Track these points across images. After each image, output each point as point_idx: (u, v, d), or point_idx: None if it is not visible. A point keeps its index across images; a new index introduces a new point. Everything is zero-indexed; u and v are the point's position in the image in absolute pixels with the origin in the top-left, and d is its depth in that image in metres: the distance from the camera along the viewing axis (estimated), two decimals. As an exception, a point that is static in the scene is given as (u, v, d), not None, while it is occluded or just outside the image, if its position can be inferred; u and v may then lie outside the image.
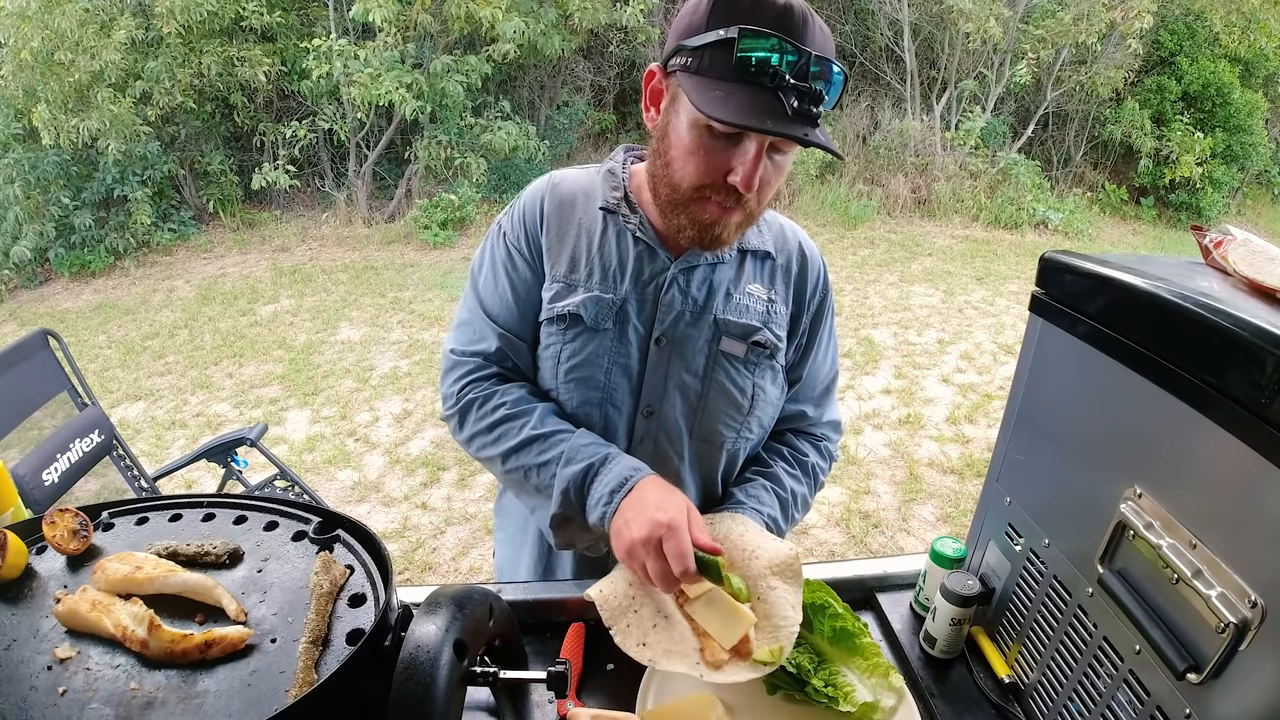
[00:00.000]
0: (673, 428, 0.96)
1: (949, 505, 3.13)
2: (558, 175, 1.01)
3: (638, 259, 0.94)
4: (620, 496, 0.82)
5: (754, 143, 0.78)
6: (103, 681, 0.51)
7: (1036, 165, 8.15)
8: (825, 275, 1.04)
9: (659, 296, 0.93)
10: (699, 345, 0.94)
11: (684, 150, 0.81)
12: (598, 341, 0.93)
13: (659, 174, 0.86)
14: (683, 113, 0.80)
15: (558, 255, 0.95)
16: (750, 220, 0.87)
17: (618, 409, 0.95)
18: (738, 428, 0.99)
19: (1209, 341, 0.57)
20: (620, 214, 0.94)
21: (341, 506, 3.09)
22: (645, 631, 0.77)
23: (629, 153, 1.01)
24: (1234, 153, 8.19)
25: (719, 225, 0.84)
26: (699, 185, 0.81)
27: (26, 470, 1.84)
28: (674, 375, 0.94)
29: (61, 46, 5.52)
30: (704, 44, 0.76)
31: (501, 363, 0.97)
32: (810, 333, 1.03)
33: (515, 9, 6.10)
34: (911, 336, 4.85)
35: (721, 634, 0.75)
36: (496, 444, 0.92)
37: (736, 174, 0.79)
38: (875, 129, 8.22)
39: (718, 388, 0.96)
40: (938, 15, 7.67)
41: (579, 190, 0.98)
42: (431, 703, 0.50)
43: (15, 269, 5.95)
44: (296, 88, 6.54)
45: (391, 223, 6.99)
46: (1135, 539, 0.66)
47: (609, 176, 0.98)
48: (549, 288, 0.95)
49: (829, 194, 7.52)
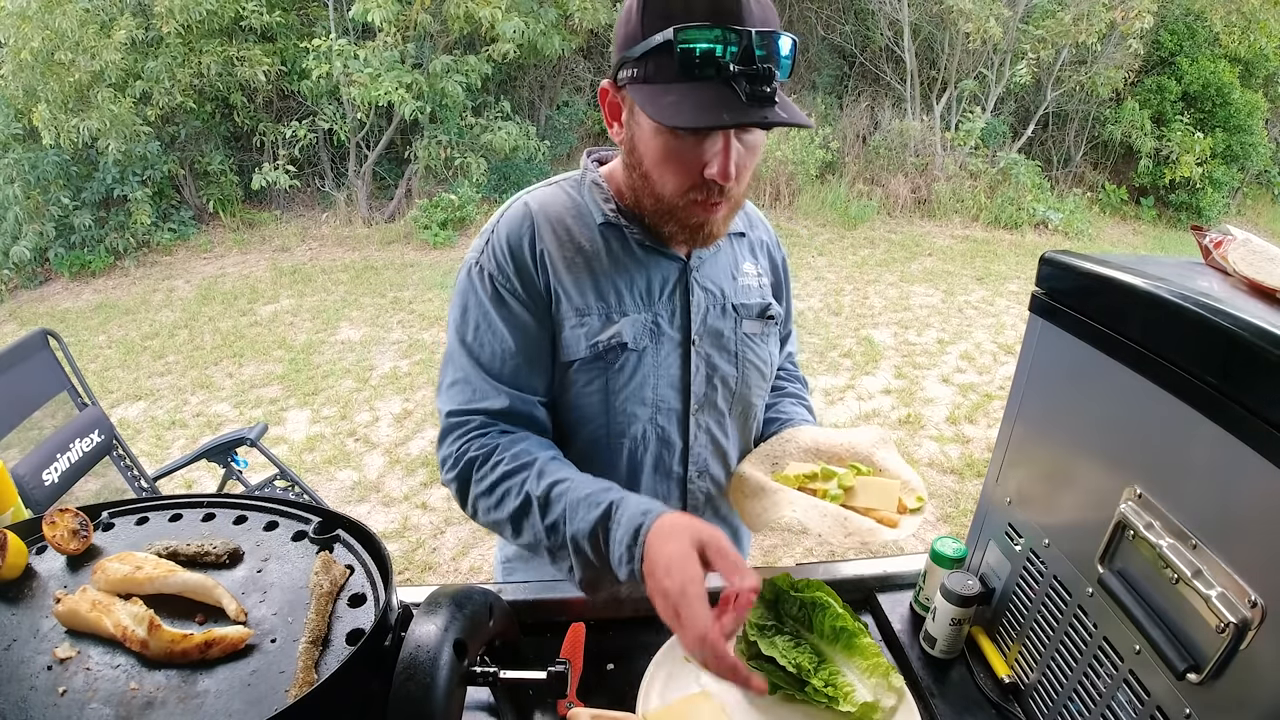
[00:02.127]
0: (719, 415, 1.00)
1: (949, 505, 3.13)
2: (533, 202, 0.92)
3: (652, 268, 0.93)
4: (639, 550, 0.73)
5: (720, 134, 0.77)
6: (103, 681, 0.51)
7: (1036, 165, 8.15)
8: (776, 236, 1.12)
9: (687, 300, 0.94)
10: (728, 334, 0.97)
11: (656, 160, 0.81)
12: (640, 361, 0.92)
13: (640, 187, 0.86)
14: (643, 124, 0.80)
15: (573, 289, 0.89)
16: (735, 208, 0.88)
17: (668, 417, 0.95)
18: (763, 393, 1.06)
19: (1209, 341, 0.57)
20: (623, 226, 0.92)
21: (341, 506, 3.09)
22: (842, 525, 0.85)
23: (591, 157, 0.99)
24: (1234, 153, 8.18)
25: (709, 224, 0.85)
26: (683, 191, 0.81)
27: (26, 470, 1.84)
28: (714, 369, 0.97)
29: (61, 46, 5.52)
30: (645, 52, 0.75)
31: (509, 419, 0.89)
32: (786, 292, 1.10)
33: (515, 9, 6.10)
34: (911, 336, 4.85)
35: (883, 503, 0.88)
36: (500, 507, 0.84)
37: (712, 168, 0.78)
38: (875, 129, 8.22)
39: (749, 367, 1.00)
40: (938, 15, 7.67)
41: (566, 213, 0.92)
42: (431, 703, 0.50)
43: (15, 269, 5.95)
44: (296, 88, 6.54)
45: (391, 223, 6.99)
46: (1135, 539, 0.66)
47: (596, 190, 0.93)
48: (580, 323, 0.89)
49: (829, 194, 7.52)
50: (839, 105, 8.61)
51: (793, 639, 0.84)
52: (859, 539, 0.84)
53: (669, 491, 1.00)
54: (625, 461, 0.95)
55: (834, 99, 8.71)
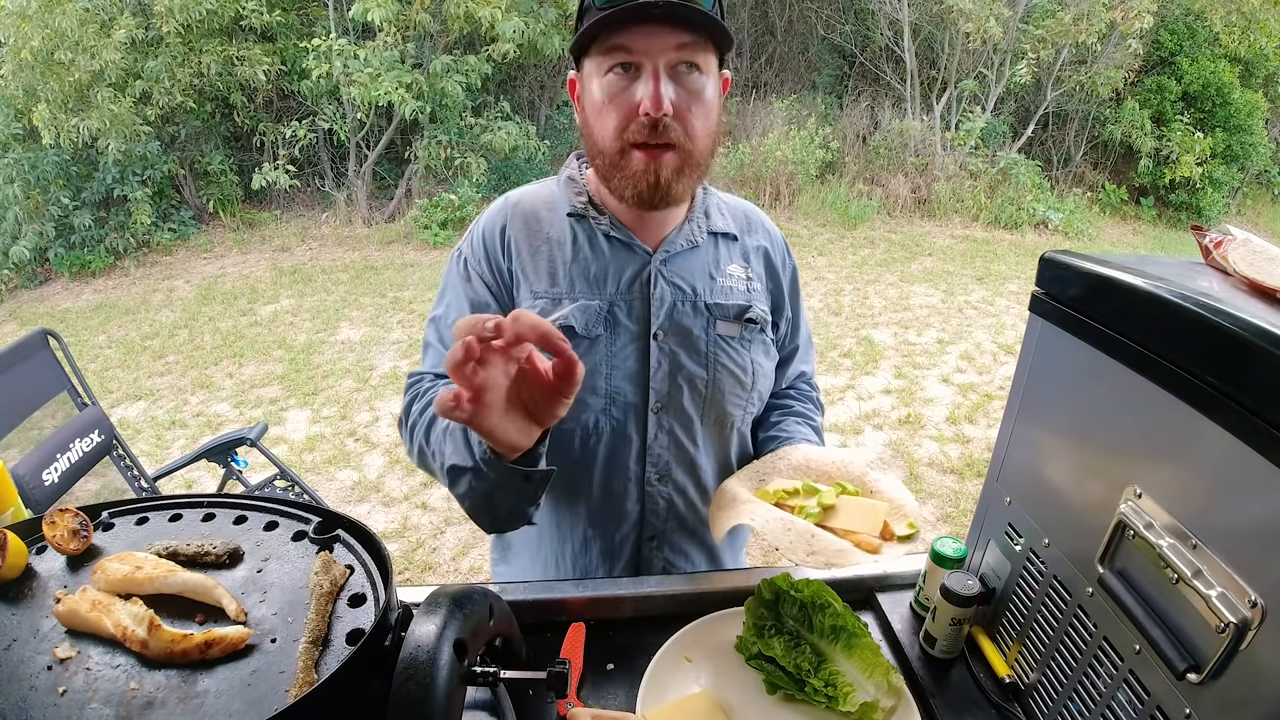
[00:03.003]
0: (685, 418, 0.97)
1: (949, 505, 3.13)
2: (515, 195, 1.00)
3: (616, 258, 0.94)
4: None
5: (649, 67, 0.81)
6: (103, 681, 0.51)
7: (1036, 165, 8.15)
8: (787, 246, 1.10)
9: (647, 292, 0.94)
10: (697, 333, 0.95)
11: (597, 111, 0.86)
12: (592, 349, 0.92)
13: (591, 150, 0.90)
14: (591, 84, 0.86)
15: (533, 273, 0.94)
16: (691, 165, 0.87)
17: (624, 411, 0.95)
18: (743, 404, 1.01)
19: (1209, 341, 0.57)
20: (589, 217, 0.95)
21: (341, 506, 3.09)
22: (807, 543, 0.80)
23: (581, 159, 1.02)
24: (1234, 153, 8.19)
25: (653, 171, 0.84)
26: (618, 133, 0.84)
27: (26, 470, 1.84)
28: (679, 367, 0.95)
29: (61, 46, 5.52)
30: (579, 12, 0.87)
31: None
32: (792, 304, 1.09)
33: (515, 9, 6.11)
34: (911, 336, 4.85)
35: (865, 525, 0.83)
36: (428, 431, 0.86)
37: (643, 102, 0.81)
38: (875, 129, 8.22)
39: (722, 371, 0.97)
40: (938, 15, 7.67)
41: (540, 204, 0.98)
42: (431, 703, 0.50)
43: (15, 269, 5.95)
44: (296, 88, 6.54)
45: (391, 223, 6.99)
46: (1135, 539, 0.66)
47: (569, 183, 0.99)
48: (531, 306, 0.93)
49: (829, 194, 7.52)
50: (839, 105, 8.62)
51: (792, 639, 0.84)
52: (824, 559, 0.78)
53: (625, 489, 0.98)
54: (578, 449, 0.96)
55: (834, 99, 8.72)
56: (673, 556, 1.05)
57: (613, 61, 0.83)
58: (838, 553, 0.79)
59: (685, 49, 0.82)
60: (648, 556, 1.03)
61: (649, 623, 0.90)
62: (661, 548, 1.04)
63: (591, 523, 1.01)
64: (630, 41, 0.81)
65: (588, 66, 0.87)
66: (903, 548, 0.82)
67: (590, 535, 1.02)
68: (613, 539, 1.02)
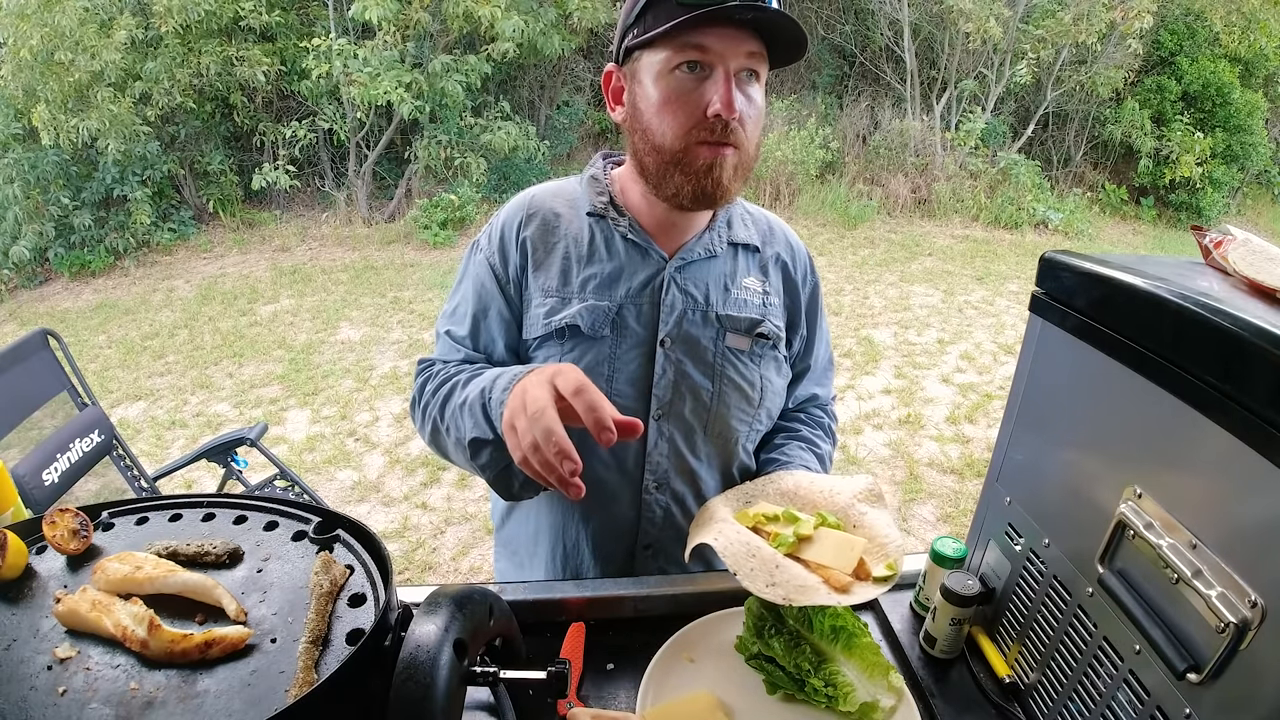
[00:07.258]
0: (687, 428, 0.96)
1: (949, 505, 3.13)
2: (537, 191, 1.00)
3: (630, 261, 0.93)
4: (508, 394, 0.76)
5: (720, 70, 0.81)
6: (103, 681, 0.51)
7: (1036, 165, 8.15)
8: (811, 262, 1.08)
9: (658, 298, 0.93)
10: (705, 343, 0.94)
11: (657, 108, 0.84)
12: (596, 350, 0.92)
13: (641, 149, 0.87)
14: (646, 79, 0.84)
15: (546, 271, 0.94)
16: (744, 167, 0.87)
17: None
18: (749, 420, 1.00)
19: (1209, 341, 0.57)
20: (609, 218, 0.94)
21: (341, 506, 3.09)
22: (770, 573, 0.77)
23: (607, 159, 1.02)
24: (1234, 153, 8.19)
25: (715, 167, 0.84)
26: (684, 131, 0.83)
27: (26, 470, 1.84)
28: (684, 376, 0.94)
29: (61, 46, 5.52)
30: (643, 6, 0.81)
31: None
32: (810, 321, 1.06)
33: (515, 8, 6.11)
34: (911, 336, 4.85)
35: (838, 561, 0.78)
36: (442, 407, 0.88)
37: (714, 103, 0.80)
38: (875, 129, 8.22)
39: (728, 384, 0.96)
40: (938, 15, 7.67)
41: (561, 202, 0.98)
42: (431, 703, 0.50)
43: (15, 269, 5.95)
44: (296, 88, 6.54)
45: (391, 222, 6.99)
46: (1135, 539, 0.66)
47: (593, 183, 0.98)
48: (542, 304, 0.93)
49: (829, 194, 7.52)
50: (839, 105, 8.62)
51: (792, 639, 0.84)
52: (783, 592, 0.74)
53: (621, 492, 0.98)
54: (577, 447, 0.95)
55: (834, 99, 8.71)
56: (668, 568, 1.03)
57: (682, 59, 0.81)
58: (799, 589, 0.75)
59: (753, 57, 0.82)
60: (643, 565, 1.02)
61: (649, 623, 0.90)
62: (657, 557, 1.02)
63: (586, 524, 1.00)
64: (708, 41, 0.80)
65: (645, 60, 0.84)
66: (876, 589, 0.77)
67: (584, 537, 1.01)
68: (607, 544, 1.01)
